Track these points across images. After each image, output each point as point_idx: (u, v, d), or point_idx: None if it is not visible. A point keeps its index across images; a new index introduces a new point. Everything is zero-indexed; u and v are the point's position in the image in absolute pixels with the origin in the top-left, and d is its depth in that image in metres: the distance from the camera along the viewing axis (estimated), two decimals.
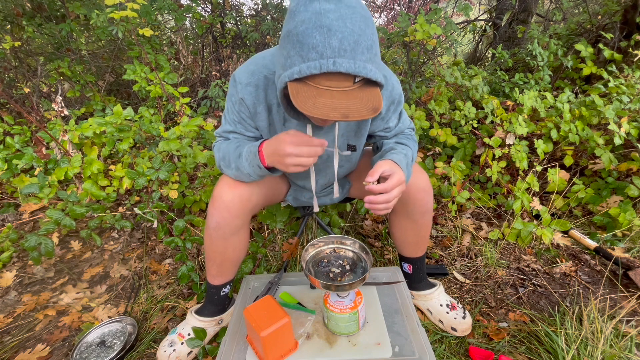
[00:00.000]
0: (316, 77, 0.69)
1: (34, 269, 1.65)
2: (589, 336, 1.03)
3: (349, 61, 0.66)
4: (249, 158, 0.91)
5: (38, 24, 2.82)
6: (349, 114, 0.68)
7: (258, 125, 1.00)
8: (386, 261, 1.55)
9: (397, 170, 0.87)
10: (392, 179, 0.84)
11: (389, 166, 0.87)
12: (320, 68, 0.66)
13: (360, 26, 0.67)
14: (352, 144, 1.06)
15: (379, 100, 0.71)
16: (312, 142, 0.82)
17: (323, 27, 0.65)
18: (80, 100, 2.94)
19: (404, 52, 2.62)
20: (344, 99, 0.69)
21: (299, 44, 0.67)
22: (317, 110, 0.68)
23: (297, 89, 0.70)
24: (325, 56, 0.66)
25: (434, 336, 1.17)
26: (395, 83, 0.99)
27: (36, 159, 1.62)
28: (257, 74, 0.92)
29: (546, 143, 1.79)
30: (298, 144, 0.81)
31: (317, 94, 0.69)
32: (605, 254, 1.48)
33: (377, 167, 0.85)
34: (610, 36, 2.42)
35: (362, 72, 0.67)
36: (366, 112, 0.69)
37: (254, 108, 0.95)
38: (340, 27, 0.65)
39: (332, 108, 0.68)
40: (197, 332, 1.14)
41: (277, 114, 0.97)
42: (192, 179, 2.08)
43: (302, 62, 0.67)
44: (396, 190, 0.84)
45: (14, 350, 1.24)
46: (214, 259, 1.11)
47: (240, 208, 1.02)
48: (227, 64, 2.98)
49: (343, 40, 0.65)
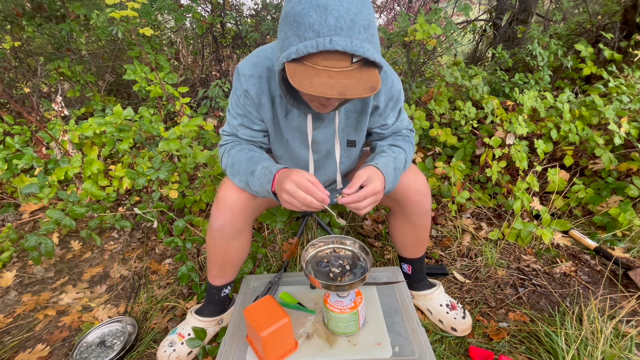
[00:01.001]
0: (313, 57, 0.68)
1: (34, 269, 1.65)
2: (589, 336, 1.03)
3: (346, 39, 0.66)
4: (261, 179, 0.90)
5: (38, 24, 2.82)
6: (346, 92, 0.68)
7: (263, 117, 1.00)
8: (386, 261, 1.55)
9: (376, 178, 0.86)
10: (365, 189, 0.84)
11: (368, 175, 0.87)
12: (317, 46, 0.66)
13: (357, 5, 0.67)
14: (352, 139, 1.06)
15: (377, 81, 0.71)
16: (314, 193, 0.80)
17: (320, 6, 0.65)
18: (80, 100, 2.95)
19: (404, 52, 2.62)
20: (342, 79, 0.69)
21: (296, 24, 0.67)
22: (314, 89, 0.67)
23: (294, 69, 0.70)
24: (322, 34, 0.65)
25: (434, 336, 1.16)
26: (395, 79, 0.99)
27: (36, 159, 1.62)
28: (260, 66, 0.92)
29: (546, 143, 1.79)
30: (298, 187, 0.80)
31: (314, 74, 0.69)
32: (605, 254, 1.48)
33: (356, 179, 0.86)
34: (610, 36, 2.42)
35: (359, 50, 0.67)
36: (363, 90, 0.69)
37: (258, 99, 0.95)
38: (336, 5, 0.65)
39: (329, 86, 0.68)
40: (197, 332, 1.14)
41: (280, 105, 0.96)
42: (192, 179, 2.08)
43: (299, 42, 0.67)
44: (367, 200, 0.84)
45: (14, 350, 1.24)
46: (215, 260, 1.10)
47: (243, 211, 1.02)
48: (227, 64, 2.98)
49: (339, 18, 0.65)
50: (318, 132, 1.00)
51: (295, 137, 1.02)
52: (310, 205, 0.81)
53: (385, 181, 0.90)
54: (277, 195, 0.89)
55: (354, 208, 0.85)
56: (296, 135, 1.02)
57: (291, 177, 0.81)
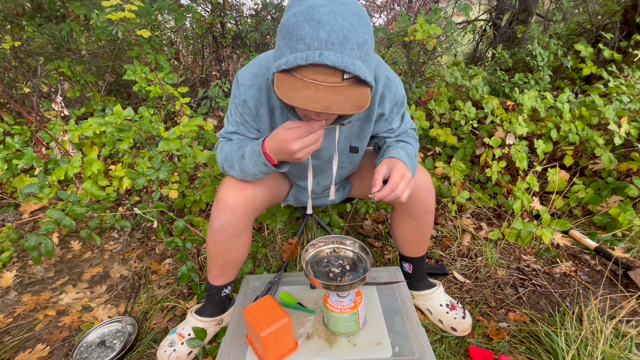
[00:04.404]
0: (303, 69, 0.68)
1: (34, 269, 1.65)
2: (589, 336, 1.03)
3: (336, 54, 0.65)
4: (253, 158, 0.90)
5: (38, 24, 2.82)
6: (330, 107, 0.67)
7: (260, 128, 1.00)
8: (386, 261, 1.55)
9: (396, 164, 0.86)
10: (393, 177, 0.84)
11: (387, 165, 0.87)
12: (306, 59, 0.66)
13: (352, 22, 0.67)
14: (355, 146, 1.06)
15: (366, 99, 0.71)
16: (312, 127, 0.80)
17: (313, 20, 0.65)
18: (80, 100, 2.94)
19: (404, 52, 2.62)
20: (329, 94, 0.68)
21: (289, 35, 0.68)
22: (298, 101, 0.67)
23: (282, 79, 0.70)
24: (312, 47, 0.65)
25: (434, 336, 1.17)
26: (399, 85, 0.99)
27: (36, 159, 1.62)
28: (260, 77, 0.92)
29: (546, 143, 1.79)
30: (301, 137, 0.80)
31: (302, 86, 0.69)
32: (605, 254, 1.48)
33: (377, 175, 0.86)
34: (610, 36, 2.42)
35: (350, 67, 0.67)
36: (349, 107, 0.68)
37: (256, 110, 0.95)
38: (330, 20, 0.65)
39: (314, 100, 0.67)
40: (197, 332, 1.14)
41: (281, 117, 0.97)
42: (192, 179, 2.08)
43: (290, 53, 0.68)
44: (401, 185, 0.84)
45: (14, 350, 1.24)
46: (216, 260, 1.10)
47: (244, 210, 1.02)
48: (227, 64, 2.98)
49: (331, 33, 0.65)
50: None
51: None
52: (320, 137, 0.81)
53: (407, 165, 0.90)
54: (279, 165, 0.90)
55: (393, 198, 0.84)
56: None
57: (288, 139, 0.80)
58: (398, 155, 0.91)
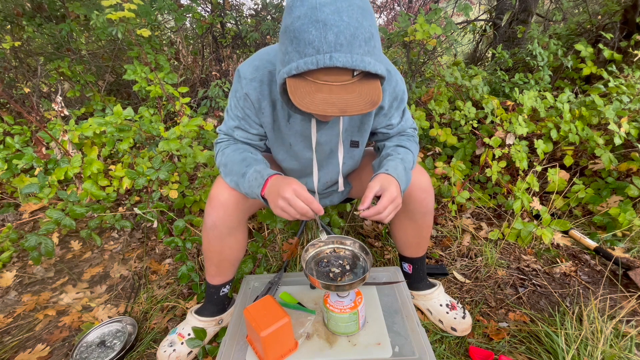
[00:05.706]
0: (314, 72, 0.69)
1: (34, 269, 1.65)
2: (589, 336, 1.03)
3: (346, 55, 0.66)
4: (252, 182, 0.90)
5: (38, 24, 2.82)
6: (347, 108, 0.68)
7: (262, 122, 1.00)
8: (386, 261, 1.55)
9: (389, 185, 0.87)
10: (382, 200, 0.85)
11: (380, 184, 0.87)
12: (317, 63, 0.66)
13: (358, 18, 0.67)
14: (355, 140, 1.06)
15: (378, 94, 0.71)
16: (312, 204, 0.82)
17: (319, 22, 0.65)
18: (80, 100, 2.94)
19: (404, 52, 2.62)
20: (343, 94, 0.69)
21: (295, 40, 0.67)
22: (315, 107, 0.68)
23: (295, 84, 0.70)
24: (321, 51, 0.65)
25: (434, 336, 1.16)
26: (399, 79, 0.99)
27: (36, 159, 1.62)
28: (262, 69, 0.92)
29: (546, 143, 1.79)
30: (298, 196, 0.81)
31: (315, 89, 0.69)
32: (605, 254, 1.48)
33: (369, 191, 0.86)
34: (610, 36, 2.42)
35: (360, 65, 0.67)
36: (364, 106, 0.69)
37: (258, 103, 0.95)
38: (336, 21, 0.65)
39: (330, 103, 0.68)
40: (197, 332, 1.14)
41: (282, 110, 0.96)
42: (192, 179, 2.08)
43: (299, 58, 0.68)
44: (388, 209, 0.85)
45: (14, 350, 1.24)
46: (211, 258, 1.11)
47: (236, 208, 1.02)
48: (227, 64, 2.98)
49: (339, 34, 0.65)
50: (321, 134, 1.01)
51: (298, 140, 1.03)
52: (305, 215, 0.82)
53: (400, 184, 0.90)
54: (266, 200, 0.89)
55: (376, 219, 0.86)
56: (299, 139, 1.02)
57: (291, 186, 0.82)
58: (395, 171, 0.92)
